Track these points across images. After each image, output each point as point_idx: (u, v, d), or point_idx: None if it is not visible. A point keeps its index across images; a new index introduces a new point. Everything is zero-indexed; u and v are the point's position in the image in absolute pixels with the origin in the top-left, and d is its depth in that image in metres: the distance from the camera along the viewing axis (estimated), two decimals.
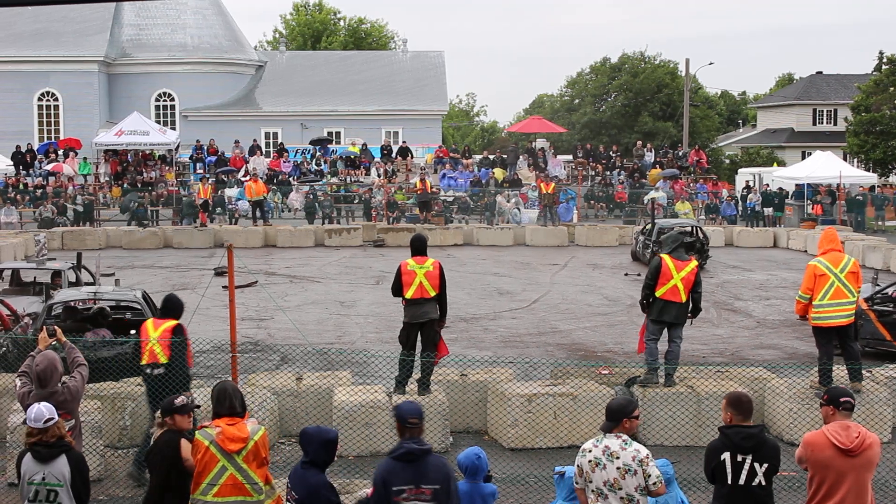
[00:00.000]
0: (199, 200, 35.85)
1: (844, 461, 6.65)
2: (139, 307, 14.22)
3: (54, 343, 8.28)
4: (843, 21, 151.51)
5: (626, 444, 6.76)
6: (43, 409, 6.88)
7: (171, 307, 10.27)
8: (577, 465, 6.83)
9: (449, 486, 6.46)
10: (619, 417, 6.82)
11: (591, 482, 6.72)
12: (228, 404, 6.95)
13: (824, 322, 11.50)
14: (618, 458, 6.67)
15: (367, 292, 23.09)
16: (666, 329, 12.14)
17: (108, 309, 14.64)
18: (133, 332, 14.18)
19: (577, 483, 6.88)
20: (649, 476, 6.67)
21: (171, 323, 10.07)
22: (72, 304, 14.65)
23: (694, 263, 12.21)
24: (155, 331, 9.99)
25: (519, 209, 36.99)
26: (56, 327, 8.39)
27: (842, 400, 6.87)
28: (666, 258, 12.06)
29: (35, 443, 6.84)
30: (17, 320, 14.69)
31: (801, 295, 11.63)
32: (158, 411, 7.47)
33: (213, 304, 19.30)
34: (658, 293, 11.95)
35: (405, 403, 6.81)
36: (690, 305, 12.09)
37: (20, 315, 15.00)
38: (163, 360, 9.85)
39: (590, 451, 6.77)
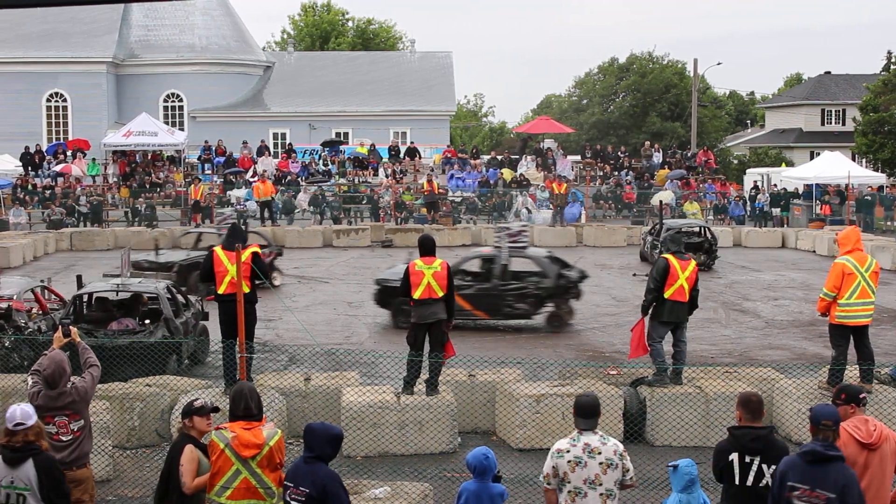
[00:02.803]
0: (190, 202, 35.78)
1: (865, 455, 6.72)
2: (157, 298, 14.81)
3: (69, 342, 8.27)
4: (850, 21, 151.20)
5: (604, 439, 6.82)
6: (16, 412, 6.78)
7: (238, 233, 11.96)
8: (552, 467, 6.78)
9: (845, 495, 6.26)
10: (595, 414, 6.87)
11: (568, 482, 6.70)
12: (244, 406, 6.95)
13: (849, 321, 11.47)
14: (599, 453, 6.70)
15: None
16: (671, 330, 12.15)
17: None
18: (148, 321, 14.65)
19: (548, 484, 6.83)
20: (627, 470, 6.76)
21: (251, 250, 11.65)
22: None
23: (694, 262, 12.25)
24: (232, 263, 11.31)
25: (529, 209, 36.83)
26: (72, 328, 8.37)
27: (861, 396, 6.99)
28: (671, 258, 12.04)
29: (4, 445, 6.75)
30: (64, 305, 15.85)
31: (827, 293, 11.50)
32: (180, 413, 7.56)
33: None
34: (666, 294, 11.93)
35: (823, 407, 6.64)
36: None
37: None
38: (245, 290, 11.35)
39: (568, 451, 6.74)
